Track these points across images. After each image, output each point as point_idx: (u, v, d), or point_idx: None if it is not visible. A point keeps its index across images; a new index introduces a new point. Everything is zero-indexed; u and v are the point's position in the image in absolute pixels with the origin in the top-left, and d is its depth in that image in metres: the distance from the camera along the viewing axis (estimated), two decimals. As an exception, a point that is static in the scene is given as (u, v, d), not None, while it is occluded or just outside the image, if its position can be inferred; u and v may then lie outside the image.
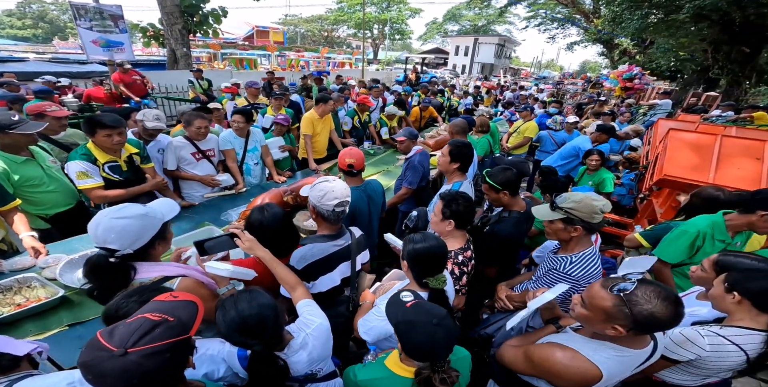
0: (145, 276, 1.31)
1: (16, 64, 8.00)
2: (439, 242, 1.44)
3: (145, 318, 0.82)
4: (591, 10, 23.97)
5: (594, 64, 55.07)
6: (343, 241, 1.73)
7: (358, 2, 38.72)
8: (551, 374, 1.19)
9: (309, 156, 4.18)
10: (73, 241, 2.30)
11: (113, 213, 1.27)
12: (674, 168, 3.01)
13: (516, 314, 1.41)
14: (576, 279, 1.56)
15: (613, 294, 1.09)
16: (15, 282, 1.77)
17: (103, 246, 1.24)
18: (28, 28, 46.37)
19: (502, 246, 2.06)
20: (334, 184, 1.68)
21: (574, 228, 1.58)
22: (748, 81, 10.93)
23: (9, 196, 2.07)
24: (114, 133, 2.32)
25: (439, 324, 1.03)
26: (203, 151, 3.17)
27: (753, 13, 9.58)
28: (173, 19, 9.30)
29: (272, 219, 1.64)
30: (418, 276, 1.43)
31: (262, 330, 1.07)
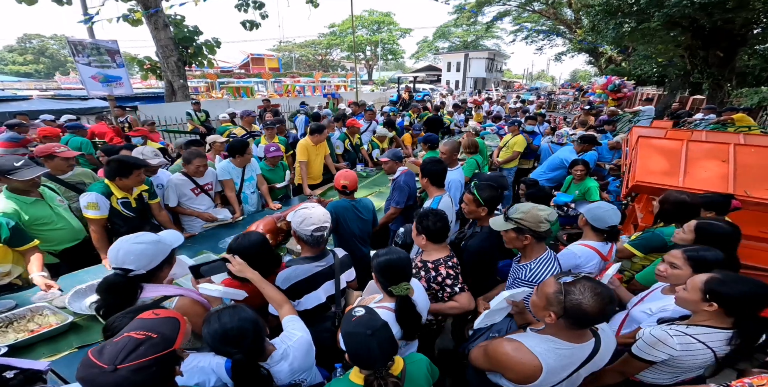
0: (149, 295, 1.49)
1: (21, 103, 8.35)
2: (400, 255, 1.59)
3: (130, 337, 0.94)
4: (573, 20, 24.80)
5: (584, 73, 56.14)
6: (324, 262, 1.89)
7: (349, 26, 40.11)
8: (500, 365, 1.27)
9: (303, 182, 4.36)
10: (80, 273, 2.47)
11: (133, 239, 1.50)
12: (646, 174, 3.14)
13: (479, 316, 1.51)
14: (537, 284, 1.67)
15: (557, 281, 1.19)
16: (28, 311, 1.95)
17: (121, 266, 1.44)
18: (29, 64, 47.84)
19: (473, 259, 2.19)
20: (313, 211, 1.86)
21: (524, 236, 1.73)
22: (729, 83, 11.19)
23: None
24: (142, 171, 2.61)
25: (372, 334, 1.15)
26: (201, 186, 3.35)
27: (719, 18, 9.91)
28: (168, 51, 9.64)
29: (249, 245, 1.82)
30: (384, 286, 1.58)
31: (243, 340, 1.21)
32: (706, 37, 10.93)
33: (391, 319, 1.49)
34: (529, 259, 1.76)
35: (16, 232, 2.17)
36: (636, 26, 11.33)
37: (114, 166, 2.54)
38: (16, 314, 1.91)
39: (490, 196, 2.21)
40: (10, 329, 1.85)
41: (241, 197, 3.71)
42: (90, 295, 2.17)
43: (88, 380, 0.87)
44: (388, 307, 1.54)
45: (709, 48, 11.22)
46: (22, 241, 2.22)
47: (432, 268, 1.95)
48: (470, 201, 2.25)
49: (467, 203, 2.28)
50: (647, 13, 10.68)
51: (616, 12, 12.00)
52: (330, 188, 4.59)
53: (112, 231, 2.69)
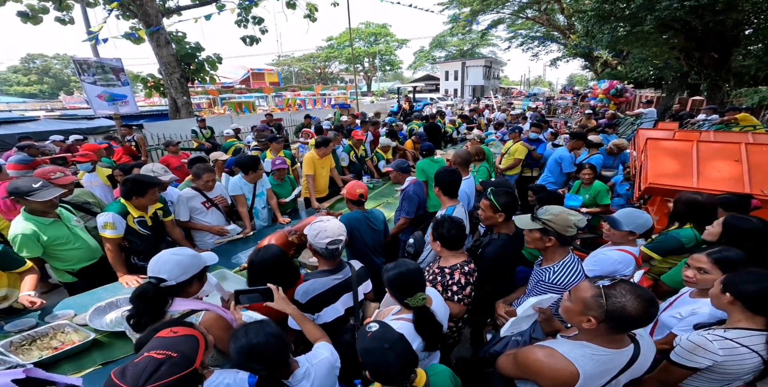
0: (177, 308, 1.52)
1: (29, 124, 8.49)
2: (409, 266, 1.60)
3: (151, 357, 0.96)
4: (566, 26, 25.17)
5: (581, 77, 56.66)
6: (342, 275, 1.92)
7: (346, 39, 40.85)
8: (532, 372, 1.25)
9: (311, 195, 4.41)
10: (98, 290, 2.50)
11: (174, 251, 1.57)
12: (658, 176, 3.15)
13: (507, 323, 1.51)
14: (562, 287, 1.67)
15: (594, 285, 1.17)
16: (50, 329, 1.98)
17: (156, 275, 1.48)
18: (34, 84, 48.67)
19: (490, 266, 2.19)
20: (328, 223, 1.89)
21: (548, 238, 1.73)
22: (728, 84, 11.28)
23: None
24: (157, 189, 2.66)
25: (390, 348, 1.15)
26: (211, 199, 3.41)
27: (710, 20, 10.05)
28: (171, 68, 9.79)
29: (269, 257, 1.86)
30: (399, 299, 1.59)
31: (267, 357, 1.23)
32: (700, 39, 11.07)
33: (410, 330, 1.50)
34: (552, 262, 1.76)
35: (5, 257, 2.15)
36: (630, 30, 11.49)
37: (129, 185, 2.59)
38: (38, 332, 1.95)
39: (507, 202, 2.22)
40: (33, 346, 1.87)
41: (252, 212, 3.75)
42: (109, 312, 2.21)
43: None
44: (407, 318, 1.56)
45: (704, 49, 11.35)
46: (13, 265, 2.19)
47: (448, 273, 1.99)
48: (487, 207, 2.26)
49: (484, 209, 2.29)
50: (640, 16, 10.87)
51: (609, 16, 12.20)
52: (338, 201, 4.62)
53: (129, 249, 2.74)
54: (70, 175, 2.96)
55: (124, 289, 2.51)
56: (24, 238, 2.31)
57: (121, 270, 2.62)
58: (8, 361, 1.72)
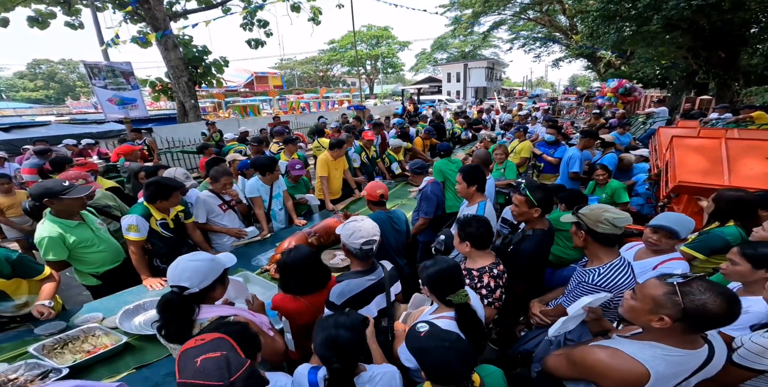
0: (205, 316, 1.50)
1: (41, 129, 8.56)
2: (449, 262, 1.59)
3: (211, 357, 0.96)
4: (568, 27, 25.18)
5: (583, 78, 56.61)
6: (375, 276, 1.90)
7: (348, 42, 40.99)
8: (594, 374, 1.21)
9: (326, 197, 4.39)
10: (124, 293, 2.50)
11: (189, 257, 1.53)
12: (687, 174, 3.10)
13: (556, 323, 1.48)
14: (607, 289, 1.61)
15: (666, 282, 1.10)
16: (81, 332, 1.98)
17: (177, 284, 1.46)
18: (40, 90, 49.09)
19: (526, 263, 2.16)
20: (362, 223, 1.87)
21: (580, 233, 1.71)
22: (737, 83, 11.23)
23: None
24: (179, 193, 2.65)
25: (450, 347, 1.12)
26: (228, 201, 3.41)
27: (717, 19, 10.02)
28: (179, 72, 9.81)
29: (300, 258, 1.83)
30: (441, 296, 1.57)
31: (348, 351, 1.23)
32: (707, 38, 11.03)
33: (454, 329, 1.48)
34: (599, 263, 1.71)
35: (19, 265, 2.11)
36: (637, 30, 11.46)
37: (153, 189, 2.59)
38: (69, 335, 1.94)
39: (544, 197, 2.19)
40: (66, 350, 1.87)
41: (269, 214, 3.74)
42: (137, 315, 2.20)
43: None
44: (448, 316, 1.53)
45: (711, 49, 11.31)
46: (31, 273, 2.17)
47: (476, 276, 1.95)
48: (522, 202, 2.21)
49: (518, 204, 2.24)
50: (646, 16, 10.85)
51: (614, 16, 12.17)
52: (352, 202, 4.61)
53: (152, 252, 2.73)
54: (93, 182, 2.97)
55: (149, 292, 2.51)
56: (50, 241, 2.31)
57: (145, 273, 2.61)
58: (43, 365, 1.71)
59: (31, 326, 2.07)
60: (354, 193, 4.91)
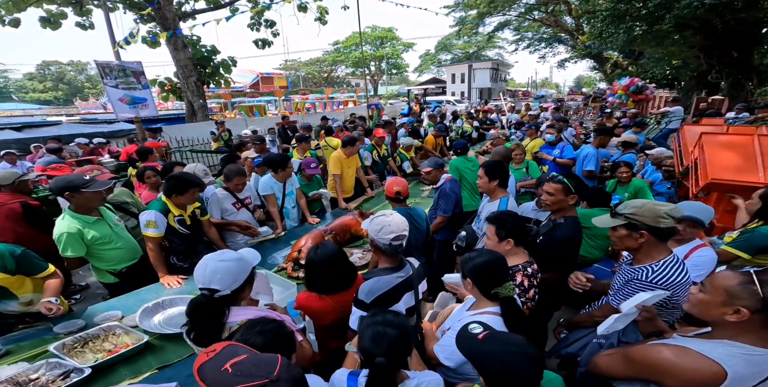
0: (234, 319, 1.44)
1: (51, 128, 8.60)
2: (495, 254, 1.53)
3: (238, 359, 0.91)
4: (574, 27, 25.02)
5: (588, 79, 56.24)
6: (404, 273, 1.83)
7: (353, 43, 41.05)
8: (658, 373, 1.13)
9: (338, 195, 4.34)
10: (141, 291, 2.46)
11: (217, 257, 1.46)
12: (719, 171, 3.01)
13: (605, 321, 1.40)
14: (665, 287, 1.52)
15: (739, 272, 1.03)
16: (101, 331, 1.93)
17: (207, 287, 1.40)
18: (49, 91, 49.45)
19: (560, 250, 2.10)
20: (392, 218, 1.81)
21: (639, 234, 1.55)
22: (751, 82, 11.07)
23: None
24: (197, 190, 2.61)
25: (519, 352, 1.03)
26: (242, 200, 3.37)
27: (731, 18, 9.92)
28: (188, 71, 9.87)
29: (325, 256, 1.77)
30: (485, 289, 1.50)
31: (395, 348, 1.17)
32: (720, 38, 10.90)
33: (500, 326, 1.41)
34: (651, 260, 1.59)
35: (23, 260, 2.05)
36: (648, 29, 11.35)
37: (171, 183, 2.55)
38: (90, 334, 1.90)
39: (578, 184, 2.18)
40: (86, 349, 1.82)
41: (282, 212, 3.70)
42: (157, 313, 2.15)
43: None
44: (492, 311, 1.46)
45: (724, 48, 11.18)
46: (35, 270, 2.11)
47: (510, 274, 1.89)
48: (559, 190, 2.16)
49: (554, 193, 2.18)
50: (657, 15, 10.75)
51: (624, 16, 12.08)
52: (365, 201, 4.56)
53: (168, 249, 2.69)
54: (108, 172, 2.94)
55: (166, 290, 2.46)
56: (69, 237, 2.27)
57: (163, 270, 2.57)
58: (65, 364, 1.66)
59: (49, 324, 2.03)
60: (366, 191, 4.86)
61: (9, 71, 51.03)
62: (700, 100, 10.83)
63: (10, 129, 7.78)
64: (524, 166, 4.58)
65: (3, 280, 1.98)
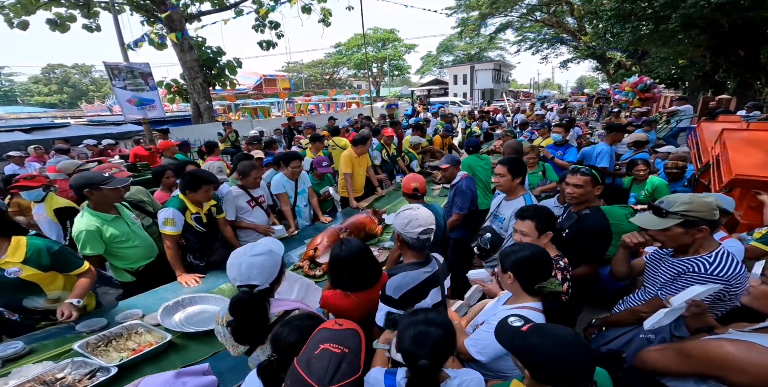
0: (273, 311, 1.44)
1: (60, 130, 8.63)
2: (539, 248, 1.50)
3: (329, 350, 0.91)
4: (576, 28, 25.00)
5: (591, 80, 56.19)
6: (430, 268, 1.80)
7: (355, 45, 41.19)
8: (722, 368, 1.09)
9: (350, 194, 4.32)
10: (160, 290, 2.45)
11: (248, 252, 1.44)
12: (743, 167, 2.96)
13: (652, 316, 1.37)
14: (726, 279, 1.44)
15: None
16: (123, 329, 1.92)
17: (246, 283, 1.38)
18: (54, 94, 49.73)
19: (598, 240, 2.08)
20: (419, 211, 1.77)
21: (698, 229, 1.49)
22: (759, 81, 11.00)
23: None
24: (212, 187, 2.58)
25: (570, 344, 1.00)
26: (256, 198, 3.36)
27: (738, 17, 9.87)
28: (194, 73, 9.90)
29: (351, 252, 1.75)
30: (527, 284, 1.46)
31: (438, 349, 1.11)
32: (727, 37, 10.85)
33: (539, 321, 1.38)
34: (705, 252, 1.53)
35: (58, 257, 2.04)
36: (654, 29, 11.31)
37: (186, 180, 2.55)
38: (113, 332, 1.88)
39: (601, 175, 2.20)
40: (110, 348, 1.80)
41: (295, 211, 3.68)
42: (177, 311, 2.13)
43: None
44: (533, 307, 1.43)
45: (731, 47, 11.12)
46: (70, 266, 2.10)
47: None
48: (587, 182, 2.15)
49: (582, 185, 2.16)
50: (663, 15, 10.72)
51: (629, 16, 12.04)
52: (376, 200, 4.54)
53: (185, 247, 2.68)
54: (125, 171, 2.93)
55: (185, 289, 2.45)
56: (88, 235, 2.26)
57: (180, 268, 2.56)
58: (90, 363, 1.64)
59: (71, 323, 2.02)
60: (376, 190, 4.84)
61: (14, 75, 51.48)
62: (706, 100, 10.77)
63: (19, 131, 7.82)
64: (540, 170, 4.44)
65: (34, 276, 1.97)
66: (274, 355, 1.18)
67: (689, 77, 15.64)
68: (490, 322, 1.50)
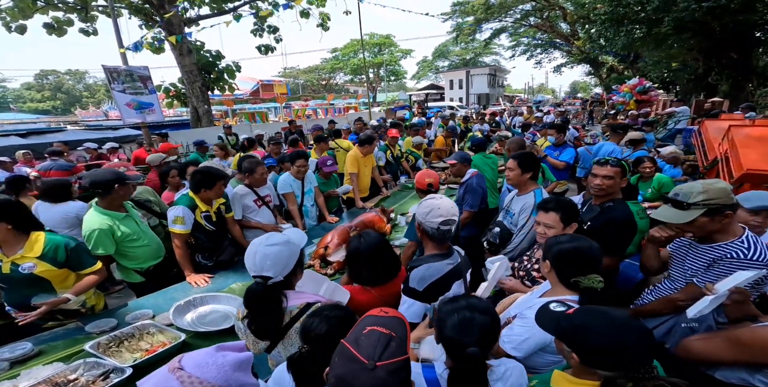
0: (294, 303, 1.39)
1: (57, 134, 8.51)
2: (590, 242, 1.44)
3: (379, 331, 0.87)
4: (569, 32, 25.36)
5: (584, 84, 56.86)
6: (453, 260, 1.76)
7: (351, 50, 41.41)
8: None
9: (356, 194, 4.29)
10: (169, 290, 2.39)
11: (264, 241, 1.39)
12: (754, 162, 2.97)
13: (694, 304, 1.33)
14: (766, 263, 1.40)
15: None
16: (135, 330, 1.86)
17: (260, 274, 1.34)
18: (47, 100, 48.96)
19: (622, 231, 2.06)
20: (441, 201, 1.73)
21: (724, 215, 1.48)
22: (751, 84, 11.19)
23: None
24: (224, 183, 2.55)
25: (625, 325, 0.95)
26: (262, 197, 3.30)
27: (729, 21, 10.07)
28: (193, 77, 9.83)
29: (371, 244, 1.72)
30: (564, 276, 1.42)
31: (486, 335, 1.06)
32: (718, 40, 11.05)
33: None
34: (733, 237, 1.51)
35: (75, 254, 2.00)
36: (647, 32, 11.50)
37: (198, 177, 2.49)
38: (124, 333, 1.82)
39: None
40: (122, 348, 1.74)
41: (302, 211, 3.64)
42: (188, 311, 2.07)
43: (348, 380, 0.79)
44: (568, 300, 1.38)
45: (723, 50, 11.33)
46: (84, 264, 2.06)
47: None
48: (618, 173, 2.13)
49: (613, 176, 2.13)
50: (655, 18, 10.91)
51: (622, 20, 12.25)
52: (382, 200, 4.51)
53: (194, 246, 2.62)
54: (134, 170, 2.89)
55: (194, 289, 2.39)
56: (101, 234, 2.21)
57: (189, 268, 2.50)
58: (104, 364, 1.58)
59: (79, 324, 1.95)
60: (381, 191, 4.82)
61: (7, 80, 51.00)
62: (699, 102, 10.94)
63: (15, 136, 7.71)
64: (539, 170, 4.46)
65: (48, 272, 1.93)
66: (305, 347, 1.13)
67: (681, 80, 15.88)
68: (525, 316, 1.44)
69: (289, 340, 1.36)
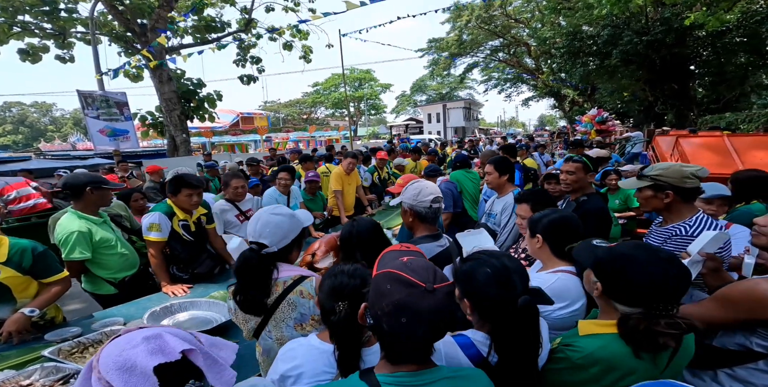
0: (286, 275, 1.35)
1: (20, 164, 8.16)
2: (569, 213, 1.53)
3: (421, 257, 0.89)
4: (534, 67, 27.46)
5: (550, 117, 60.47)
6: (442, 243, 1.76)
7: (332, 84, 42.85)
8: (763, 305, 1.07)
9: (341, 212, 4.31)
10: (142, 300, 2.25)
11: (270, 210, 1.41)
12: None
13: None
14: None
15: None
16: (103, 335, 1.72)
17: (257, 240, 1.33)
18: (7, 135, 46.34)
19: (597, 223, 2.10)
20: (425, 182, 1.80)
21: (665, 194, 1.58)
22: (692, 112, 12.34)
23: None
24: (195, 193, 2.44)
25: (669, 259, 0.94)
26: (244, 212, 3.24)
27: (666, 53, 11.29)
28: (172, 105, 9.65)
29: (364, 227, 1.72)
30: (558, 247, 1.44)
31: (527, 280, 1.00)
32: (659, 72, 12.30)
33: (576, 284, 1.34)
34: (682, 219, 1.60)
35: (41, 260, 1.85)
36: (600, 64, 12.68)
37: (171, 181, 2.45)
38: (90, 338, 1.68)
39: (592, 161, 2.31)
40: (86, 354, 1.59)
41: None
42: (165, 318, 1.93)
43: (410, 304, 0.74)
44: (567, 270, 1.39)
45: (664, 81, 12.58)
46: (47, 271, 1.89)
47: None
48: (579, 168, 2.25)
49: (575, 171, 2.25)
50: (605, 51, 12.12)
51: (578, 52, 13.54)
52: (368, 216, 4.50)
53: (170, 257, 2.50)
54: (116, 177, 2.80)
55: (170, 299, 2.23)
56: (80, 236, 2.09)
57: (165, 278, 2.37)
58: (63, 368, 1.43)
59: (38, 333, 1.77)
60: (366, 210, 4.82)
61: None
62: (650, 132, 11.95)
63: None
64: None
65: (11, 278, 1.77)
66: (343, 304, 1.00)
67: (633, 111, 17.28)
68: None
69: (281, 315, 1.29)
